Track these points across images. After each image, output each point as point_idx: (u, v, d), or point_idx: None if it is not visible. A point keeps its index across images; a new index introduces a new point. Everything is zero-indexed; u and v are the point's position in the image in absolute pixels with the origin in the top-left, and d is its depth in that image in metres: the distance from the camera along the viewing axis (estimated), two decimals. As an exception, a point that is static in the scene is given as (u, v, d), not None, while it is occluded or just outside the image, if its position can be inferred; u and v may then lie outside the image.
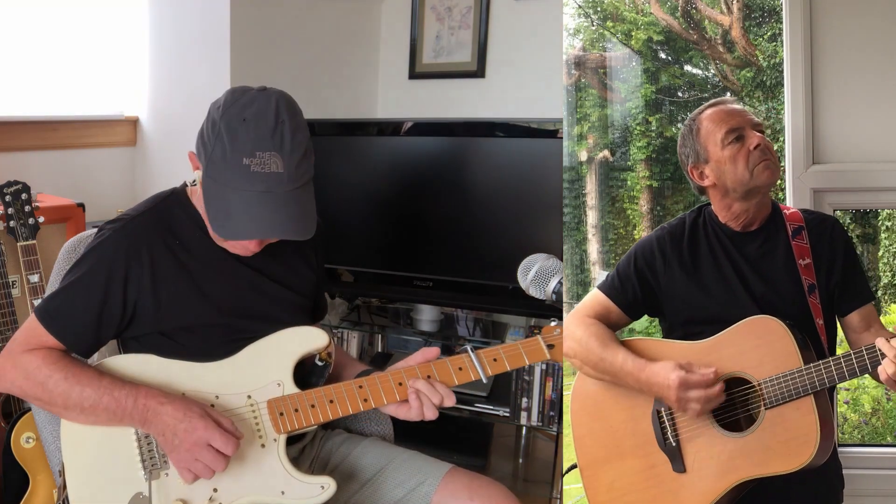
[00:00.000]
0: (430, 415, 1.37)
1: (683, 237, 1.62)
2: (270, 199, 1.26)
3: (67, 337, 1.34)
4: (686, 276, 1.59)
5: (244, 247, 1.39)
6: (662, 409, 1.52)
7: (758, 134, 1.52)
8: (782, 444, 1.41)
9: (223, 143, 1.26)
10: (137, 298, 1.36)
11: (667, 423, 1.52)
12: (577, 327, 1.59)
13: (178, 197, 1.46)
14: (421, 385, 1.36)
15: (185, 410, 1.27)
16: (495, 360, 1.40)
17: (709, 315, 1.55)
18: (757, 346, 1.46)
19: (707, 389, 1.43)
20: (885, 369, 1.33)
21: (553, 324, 1.47)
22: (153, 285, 1.36)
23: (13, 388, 1.33)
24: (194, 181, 1.44)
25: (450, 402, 1.37)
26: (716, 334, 1.50)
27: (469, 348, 1.42)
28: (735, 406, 1.49)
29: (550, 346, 1.42)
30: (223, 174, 1.27)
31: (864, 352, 1.37)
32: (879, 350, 1.35)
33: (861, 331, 1.55)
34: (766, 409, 1.43)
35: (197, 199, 1.44)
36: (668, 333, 1.66)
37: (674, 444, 1.51)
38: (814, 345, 1.48)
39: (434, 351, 1.42)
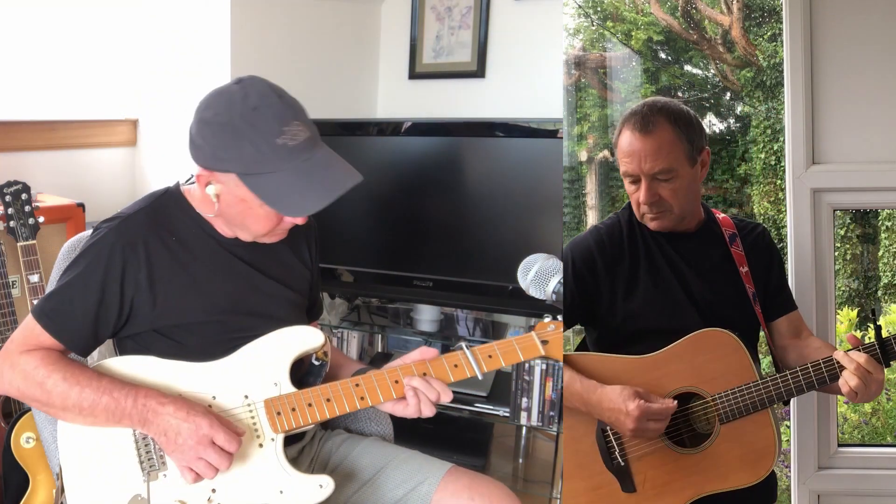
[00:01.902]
0: (427, 411, 1.37)
1: (622, 237, 1.56)
2: (317, 161, 1.30)
3: (65, 336, 1.34)
4: (625, 280, 1.54)
5: (284, 230, 1.40)
6: (608, 427, 1.47)
7: (646, 189, 1.45)
8: (740, 457, 1.39)
9: (249, 138, 1.27)
10: (134, 295, 1.36)
11: (613, 442, 1.47)
12: None
13: (173, 195, 1.46)
14: (417, 382, 1.37)
15: (188, 409, 1.28)
16: (490, 356, 1.41)
17: (650, 322, 1.51)
18: (709, 359, 1.42)
19: (666, 419, 1.40)
20: (846, 382, 1.31)
21: (547, 319, 1.46)
22: (150, 282, 1.36)
23: (10, 390, 1.32)
24: (189, 179, 1.44)
25: (446, 398, 1.37)
26: (656, 343, 1.46)
27: (464, 345, 1.42)
28: (688, 422, 1.46)
29: (545, 342, 1.42)
30: (265, 164, 1.27)
31: (822, 364, 1.35)
32: (837, 362, 1.33)
33: (790, 337, 1.53)
34: (721, 424, 1.40)
35: (194, 198, 1.44)
36: (599, 341, 1.60)
37: (622, 463, 1.46)
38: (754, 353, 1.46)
39: (432, 351, 1.42)
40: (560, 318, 1.54)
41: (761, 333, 1.59)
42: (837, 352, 1.34)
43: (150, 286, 1.36)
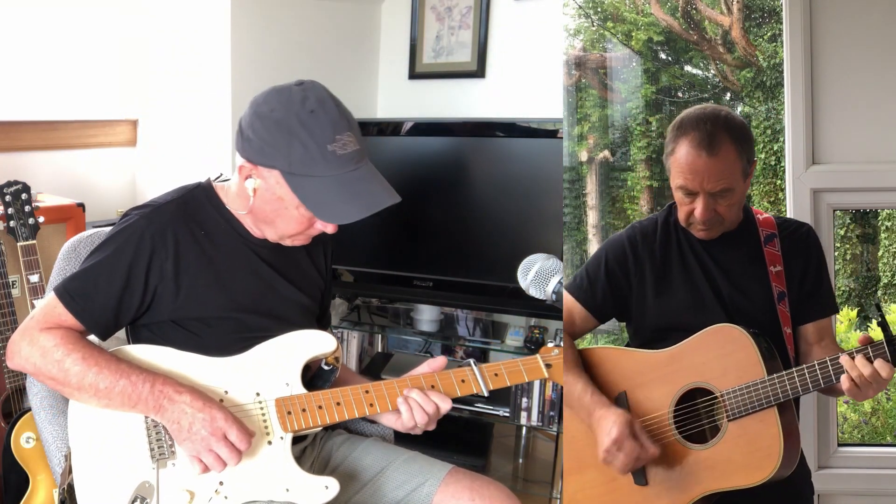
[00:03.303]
0: (421, 420, 1.38)
1: (655, 237, 1.58)
2: (361, 174, 1.33)
3: (86, 318, 1.34)
4: (656, 278, 1.56)
5: (309, 236, 1.42)
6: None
7: (705, 206, 1.45)
8: (745, 456, 1.38)
9: (301, 139, 1.29)
10: (158, 284, 1.37)
11: None
12: None
13: (204, 190, 1.47)
14: (415, 395, 1.39)
15: (204, 400, 1.29)
16: (496, 374, 1.45)
17: (677, 320, 1.52)
18: (720, 355, 1.43)
19: (635, 459, 1.41)
20: (848, 381, 1.30)
21: (551, 345, 1.51)
22: (175, 272, 1.37)
23: (27, 366, 1.33)
24: (219, 177, 1.45)
25: (445, 407, 1.39)
26: (679, 342, 1.47)
27: (472, 362, 1.45)
28: (700, 417, 1.46)
29: (548, 366, 1.46)
30: (311, 167, 1.30)
31: (829, 363, 1.34)
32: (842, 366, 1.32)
33: (812, 342, 1.52)
34: (728, 420, 1.41)
35: (226, 194, 1.46)
36: (634, 337, 1.62)
37: None
38: (780, 354, 1.45)
39: (441, 361, 1.45)
40: (561, 318, 1.54)
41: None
42: (843, 356, 1.32)
43: (176, 276, 1.37)
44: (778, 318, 1.50)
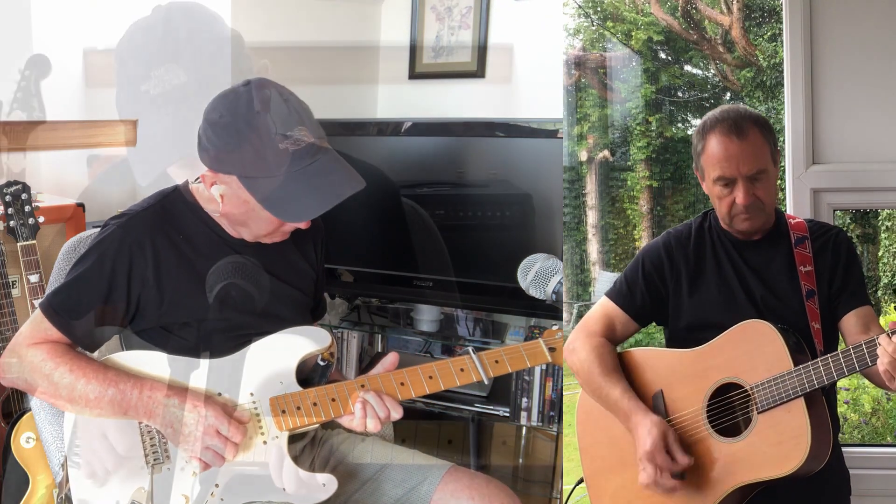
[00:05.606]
0: (372, 427, 1.37)
1: (690, 242, 1.63)
2: (318, 167, 1.32)
3: (72, 331, 1.35)
4: (691, 279, 1.60)
5: (285, 232, 1.42)
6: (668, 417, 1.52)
7: (745, 191, 1.49)
8: (774, 447, 1.41)
9: (251, 141, 1.29)
10: (141, 292, 1.37)
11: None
12: (582, 346, 1.60)
13: (180, 193, 1.48)
14: (370, 397, 1.37)
15: (193, 400, 1.30)
16: (497, 361, 1.43)
17: (710, 320, 1.55)
18: (748, 350, 1.46)
19: (665, 479, 1.43)
20: (881, 361, 1.31)
21: (555, 327, 1.50)
22: (157, 279, 1.37)
23: (18, 382, 1.34)
24: (196, 178, 1.45)
25: (397, 415, 1.37)
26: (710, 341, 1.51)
27: (471, 349, 1.44)
28: (734, 411, 1.49)
29: (552, 350, 1.45)
30: (265, 168, 1.30)
31: (852, 351, 1.36)
32: (878, 343, 1.33)
33: (858, 333, 1.54)
34: (758, 413, 1.43)
35: (202, 197, 1.46)
36: (670, 339, 1.66)
37: None
38: (809, 349, 1.48)
39: (392, 358, 1.42)
40: (562, 318, 1.54)
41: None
42: (882, 336, 1.33)
43: (158, 283, 1.38)
44: (806, 313, 1.53)
